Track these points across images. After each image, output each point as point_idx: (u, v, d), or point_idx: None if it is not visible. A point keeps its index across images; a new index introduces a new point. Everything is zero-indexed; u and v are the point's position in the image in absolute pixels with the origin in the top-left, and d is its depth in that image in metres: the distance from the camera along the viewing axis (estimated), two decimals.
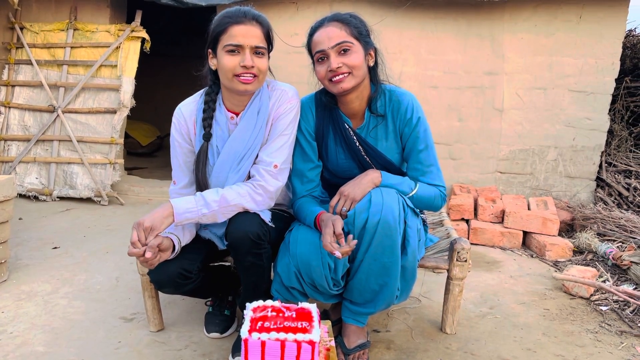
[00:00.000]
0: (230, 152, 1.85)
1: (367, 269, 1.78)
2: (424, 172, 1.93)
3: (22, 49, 4.54)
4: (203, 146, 1.88)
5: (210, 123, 1.87)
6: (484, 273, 2.97)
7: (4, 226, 2.60)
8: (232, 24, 1.72)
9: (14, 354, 1.96)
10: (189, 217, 1.73)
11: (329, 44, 1.77)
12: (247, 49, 1.72)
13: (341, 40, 1.76)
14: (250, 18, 1.74)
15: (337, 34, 1.77)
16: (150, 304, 2.13)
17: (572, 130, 4.11)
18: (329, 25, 1.80)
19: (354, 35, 1.78)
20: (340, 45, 1.76)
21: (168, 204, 1.72)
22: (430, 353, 2.05)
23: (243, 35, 1.71)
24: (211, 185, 1.89)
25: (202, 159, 1.88)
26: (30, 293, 2.51)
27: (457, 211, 3.68)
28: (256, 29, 1.74)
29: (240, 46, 1.71)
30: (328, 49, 1.77)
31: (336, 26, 1.78)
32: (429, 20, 4.12)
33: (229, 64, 1.72)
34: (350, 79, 1.79)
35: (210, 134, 1.87)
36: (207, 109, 1.86)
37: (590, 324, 2.34)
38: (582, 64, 4.02)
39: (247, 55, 1.72)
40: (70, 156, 4.40)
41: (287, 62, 4.09)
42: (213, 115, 1.87)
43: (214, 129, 1.88)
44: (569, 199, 4.11)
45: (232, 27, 1.72)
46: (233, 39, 1.71)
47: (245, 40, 1.71)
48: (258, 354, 1.37)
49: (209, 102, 1.87)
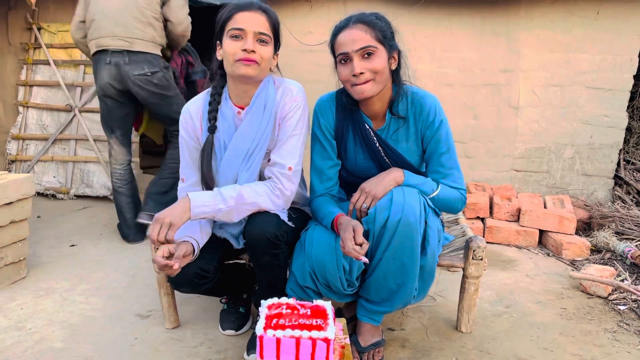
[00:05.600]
0: (238, 147, 1.84)
1: (385, 268, 1.77)
2: (445, 175, 1.92)
3: (39, 49, 4.60)
4: (208, 138, 1.87)
5: (216, 116, 1.86)
6: (500, 272, 2.95)
7: (23, 224, 2.64)
8: (238, 11, 1.73)
9: (33, 350, 1.99)
10: (205, 211, 1.72)
11: (353, 47, 1.74)
12: (250, 34, 1.71)
13: (366, 44, 1.73)
14: (256, 7, 1.75)
15: (362, 37, 1.74)
16: (166, 301, 2.15)
17: (590, 128, 4.06)
18: (354, 27, 1.76)
19: (378, 39, 1.75)
20: (364, 50, 1.74)
21: (185, 198, 1.71)
22: (446, 352, 2.03)
23: (246, 21, 1.72)
24: (218, 182, 1.89)
25: (206, 151, 1.87)
26: (49, 290, 2.54)
27: (472, 209, 3.65)
28: (261, 16, 1.75)
29: (243, 30, 1.71)
30: (352, 52, 1.74)
31: (361, 29, 1.75)
32: (444, 17, 4.10)
33: (230, 48, 1.72)
34: (373, 86, 1.77)
35: (215, 126, 1.86)
36: (212, 102, 1.87)
37: (609, 324, 2.31)
38: (600, 60, 3.96)
39: (250, 39, 1.71)
40: (87, 155, 4.46)
41: (301, 60, 4.09)
42: (218, 108, 1.87)
43: (220, 123, 1.87)
44: (586, 197, 4.05)
45: (237, 14, 1.73)
46: (236, 23, 1.72)
47: (249, 25, 1.71)
48: (273, 351, 1.37)
49: (215, 94, 1.87)
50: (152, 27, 3.14)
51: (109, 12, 3.06)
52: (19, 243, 2.61)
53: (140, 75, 3.11)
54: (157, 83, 3.16)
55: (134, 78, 3.11)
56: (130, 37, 3.07)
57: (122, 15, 3.06)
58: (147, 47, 3.13)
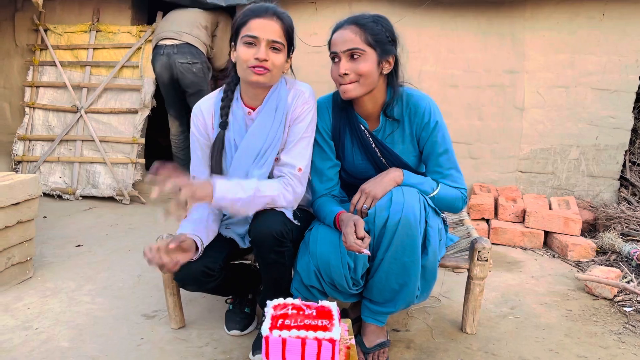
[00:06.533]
0: (249, 148, 1.85)
1: (387, 269, 1.77)
2: (444, 176, 1.92)
3: (46, 50, 4.63)
4: (219, 134, 1.89)
5: (227, 112, 1.88)
6: (505, 273, 2.95)
7: (30, 224, 2.65)
8: (253, 17, 1.75)
9: (40, 350, 2.00)
10: (226, 198, 1.70)
11: (342, 47, 1.77)
12: (263, 42, 1.73)
13: (353, 46, 1.75)
14: (271, 13, 1.76)
15: (351, 39, 1.76)
16: (172, 302, 2.16)
17: (595, 129, 4.04)
18: (347, 27, 1.79)
19: (368, 42, 1.76)
20: (351, 51, 1.76)
21: (207, 182, 1.70)
22: (451, 353, 2.03)
23: (260, 28, 1.73)
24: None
25: (217, 147, 1.89)
26: (55, 290, 2.56)
27: (477, 211, 3.65)
28: (275, 24, 1.76)
29: (257, 38, 1.72)
30: (340, 52, 1.78)
31: (352, 30, 1.77)
32: (449, 19, 4.09)
33: (244, 55, 1.74)
34: (356, 87, 1.79)
35: (227, 123, 1.88)
36: (224, 98, 1.89)
37: (614, 325, 2.30)
38: (606, 61, 3.95)
39: (262, 48, 1.73)
40: (92, 156, 4.47)
41: (306, 61, 4.09)
42: (230, 105, 1.89)
43: (231, 123, 1.89)
44: (591, 199, 4.04)
45: (252, 20, 1.74)
46: (250, 30, 1.73)
47: (262, 33, 1.73)
48: (279, 351, 1.37)
49: (227, 91, 1.89)
50: (199, 30, 3.89)
51: (169, 18, 4.00)
52: (25, 243, 2.63)
53: (183, 62, 3.80)
54: (196, 72, 3.83)
55: (177, 65, 3.81)
56: (180, 31, 3.85)
57: (179, 19, 3.95)
58: (192, 41, 3.83)
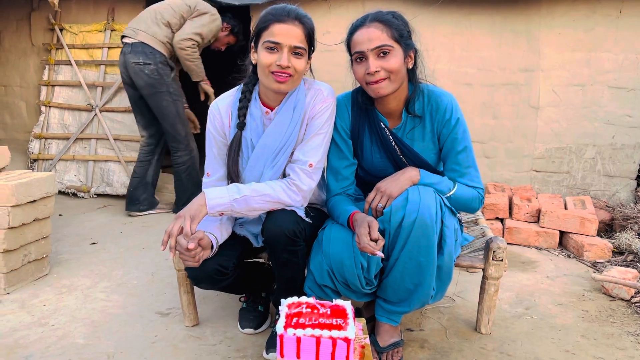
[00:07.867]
0: (265, 147, 1.86)
1: (402, 268, 1.76)
2: (462, 174, 1.91)
3: (61, 49, 4.67)
4: (237, 135, 1.89)
5: (245, 113, 1.88)
6: (520, 273, 2.92)
7: (46, 222, 2.68)
8: (275, 21, 1.73)
9: (56, 346, 2.02)
10: (221, 204, 1.75)
11: (369, 45, 1.74)
12: (286, 48, 1.72)
13: (381, 43, 1.73)
14: (293, 17, 1.74)
15: (378, 36, 1.74)
16: (186, 300, 2.16)
17: (612, 128, 3.99)
18: (370, 25, 1.76)
19: (394, 38, 1.75)
20: (380, 49, 1.74)
21: (202, 194, 1.76)
22: (465, 353, 2.02)
23: (283, 34, 1.71)
24: (245, 180, 1.91)
25: (234, 147, 1.89)
26: (71, 287, 2.58)
27: (491, 210, 3.62)
28: (297, 29, 1.74)
29: (279, 44, 1.72)
30: (367, 51, 1.75)
31: (377, 27, 1.75)
32: (463, 17, 4.06)
33: (266, 60, 1.73)
34: (388, 85, 1.77)
35: (244, 123, 1.88)
36: (242, 99, 1.88)
37: (631, 326, 2.27)
38: (623, 59, 3.90)
39: (285, 54, 1.72)
40: (107, 154, 4.51)
41: (319, 60, 4.07)
42: (248, 105, 1.88)
43: (248, 122, 1.89)
44: (607, 199, 3.99)
45: (273, 25, 1.73)
46: (273, 36, 1.72)
47: (285, 39, 1.71)
48: (293, 350, 1.37)
49: (246, 92, 1.89)
50: (159, 27, 3.50)
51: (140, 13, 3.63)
52: (41, 240, 2.66)
53: (134, 63, 3.50)
54: (149, 74, 3.51)
55: (130, 65, 3.52)
56: (137, 29, 3.53)
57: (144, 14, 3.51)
58: (147, 40, 3.49)
